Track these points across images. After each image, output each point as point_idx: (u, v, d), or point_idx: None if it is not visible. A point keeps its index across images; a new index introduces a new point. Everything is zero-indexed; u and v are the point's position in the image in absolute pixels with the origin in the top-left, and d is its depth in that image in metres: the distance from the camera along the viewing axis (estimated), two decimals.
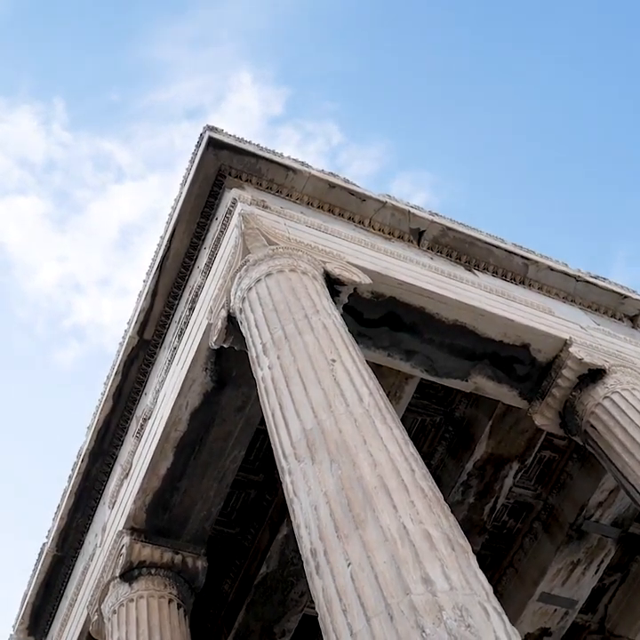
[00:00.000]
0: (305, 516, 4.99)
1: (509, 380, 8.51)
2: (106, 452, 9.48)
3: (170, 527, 8.64)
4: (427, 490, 4.90)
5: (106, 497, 9.51)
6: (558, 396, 8.32)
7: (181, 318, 8.58)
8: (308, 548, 4.82)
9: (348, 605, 4.29)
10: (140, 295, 9.16)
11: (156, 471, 8.34)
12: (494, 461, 9.68)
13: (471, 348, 8.30)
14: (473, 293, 8.41)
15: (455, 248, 9.16)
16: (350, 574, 4.39)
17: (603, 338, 8.89)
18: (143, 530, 8.55)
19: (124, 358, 9.21)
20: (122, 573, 8.39)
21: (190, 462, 8.36)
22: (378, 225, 8.98)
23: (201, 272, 8.37)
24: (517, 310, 8.52)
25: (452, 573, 4.25)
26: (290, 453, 5.40)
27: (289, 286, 6.81)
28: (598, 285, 9.71)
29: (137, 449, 8.81)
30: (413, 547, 4.38)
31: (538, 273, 9.44)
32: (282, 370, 5.99)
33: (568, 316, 9.07)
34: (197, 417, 8.14)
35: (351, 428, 5.27)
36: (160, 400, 8.52)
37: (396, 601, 4.12)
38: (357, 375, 5.88)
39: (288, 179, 8.64)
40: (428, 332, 8.13)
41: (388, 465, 4.98)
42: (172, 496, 8.48)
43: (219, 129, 8.46)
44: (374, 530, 4.54)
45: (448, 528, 4.64)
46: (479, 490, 9.83)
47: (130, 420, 9.32)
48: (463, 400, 9.73)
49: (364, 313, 7.94)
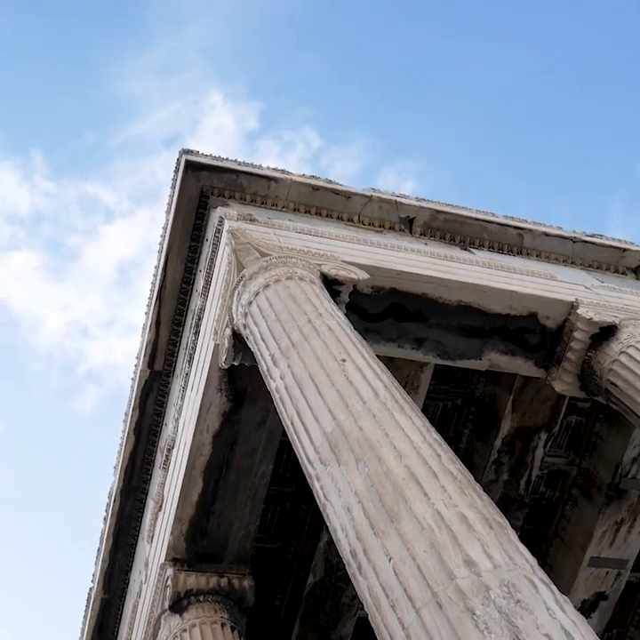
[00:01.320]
0: (339, 519, 4.96)
1: (523, 351, 8.47)
2: (136, 489, 9.48)
3: (211, 551, 8.62)
4: (455, 473, 4.87)
5: (143, 532, 9.51)
6: (574, 360, 8.27)
7: (188, 344, 8.58)
8: (348, 550, 4.80)
9: (395, 600, 4.26)
10: (144, 328, 9.17)
11: (188, 499, 8.33)
12: (522, 435, 9.63)
13: (479, 325, 8.26)
14: (472, 271, 8.38)
15: (447, 230, 9.14)
16: (393, 569, 4.36)
17: (609, 294, 8.85)
18: (185, 559, 8.54)
19: (138, 393, 9.21)
20: (171, 605, 8.38)
21: (220, 484, 8.35)
22: (367, 219, 8.96)
23: (200, 295, 8.36)
24: (519, 281, 8.48)
25: (494, 551, 4.22)
26: (315, 459, 5.37)
27: (288, 294, 6.79)
28: (596, 243, 9.68)
29: (166, 480, 8.80)
30: (451, 531, 4.35)
31: (534, 241, 9.41)
32: (294, 378, 5.96)
33: (571, 279, 9.03)
34: (220, 439, 8.13)
35: (371, 424, 5.25)
36: (180, 428, 8.51)
37: (442, 588, 4.09)
38: (369, 371, 5.85)
39: (271, 189, 8.63)
40: (433, 318, 8.10)
41: (414, 454, 4.95)
42: (207, 521, 8.46)
43: (194, 151, 8.47)
44: (409, 521, 4.51)
45: (483, 507, 4.60)
46: (511, 465, 9.78)
47: (154, 452, 9.32)
48: (481, 379, 9.70)
49: (368, 308, 7.91)
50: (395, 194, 9.23)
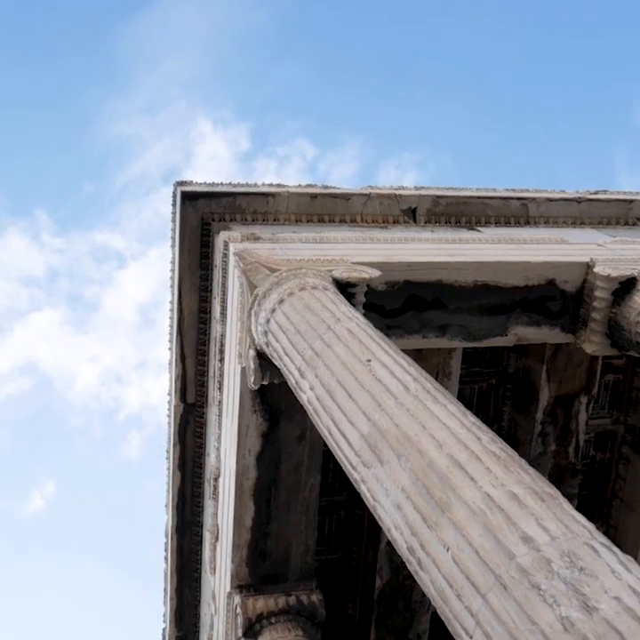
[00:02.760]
0: (391, 518, 4.95)
1: (547, 319, 8.41)
2: (190, 523, 9.50)
3: (274, 572, 8.62)
4: (498, 452, 4.83)
5: (205, 565, 9.53)
6: (599, 319, 8.20)
7: (216, 372, 8.60)
8: (405, 547, 4.77)
9: (460, 589, 4.24)
10: (170, 364, 9.21)
11: (242, 524, 8.33)
12: (562, 402, 9.57)
13: (499, 302, 8.21)
14: (483, 250, 8.35)
15: (451, 213, 9.11)
16: (452, 558, 4.33)
17: (623, 248, 8.78)
18: (250, 584, 8.55)
19: (176, 428, 9.24)
20: (244, 632, 8.38)
21: (272, 505, 8.34)
22: (370, 217, 8.96)
23: (219, 321, 8.38)
24: (531, 251, 8.44)
25: (549, 524, 4.19)
26: (357, 463, 5.36)
27: (304, 305, 6.78)
28: (601, 200, 9.61)
29: (218, 510, 8.82)
30: (503, 511, 4.32)
31: (539, 208, 9.36)
32: (323, 387, 5.95)
33: (582, 239, 8.97)
34: (263, 459, 8.13)
35: (406, 418, 5.22)
36: (223, 456, 8.52)
37: (504, 569, 4.06)
38: (396, 366, 5.83)
39: (270, 204, 8.65)
40: (452, 302, 8.06)
41: (453, 441, 4.92)
42: (265, 542, 8.46)
43: (188, 182, 8.50)
44: (460, 508, 4.48)
45: (531, 482, 4.57)
46: (557, 434, 9.72)
47: (202, 484, 9.34)
48: (511, 354, 9.66)
49: (386, 305, 7.89)
50: (393, 187, 9.23)
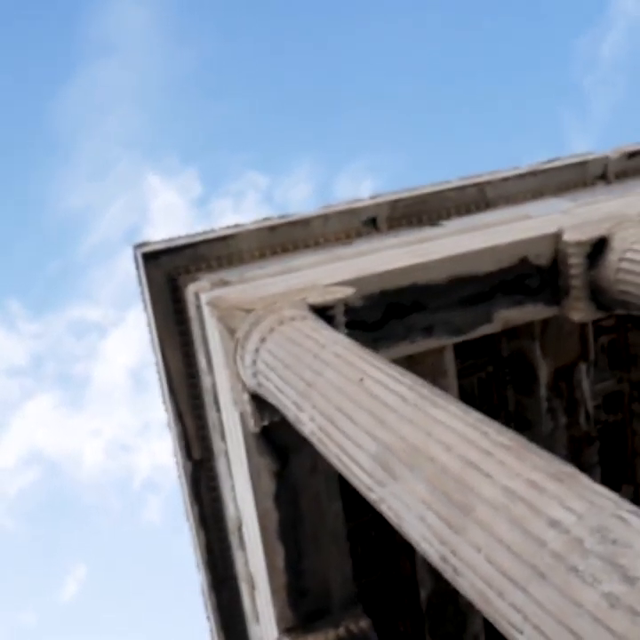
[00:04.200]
0: (418, 531, 4.89)
1: (529, 297, 8.38)
2: (224, 578, 9.41)
3: (318, 607, 8.51)
4: (508, 443, 4.78)
5: (248, 616, 9.42)
6: (580, 285, 8.18)
7: (215, 422, 8.53)
8: (437, 557, 4.72)
9: (500, 588, 4.18)
10: (169, 424, 9.14)
11: (275, 568, 8.23)
12: (562, 375, 9.55)
13: (478, 291, 8.17)
14: (449, 243, 8.32)
15: (411, 214, 9.11)
16: (485, 559, 4.28)
17: (587, 210, 8.78)
18: (296, 624, 8.43)
19: (189, 487, 9.16)
20: None
21: (300, 541, 8.25)
22: (332, 236, 8.95)
23: (207, 373, 8.32)
24: (497, 233, 8.42)
25: (573, 503, 4.13)
26: (372, 484, 5.31)
27: (286, 339, 6.73)
28: (555, 168, 9.64)
29: (248, 559, 8.73)
30: (524, 500, 4.27)
31: (496, 190, 9.38)
32: (322, 416, 5.90)
33: (545, 211, 8.97)
34: (281, 499, 8.04)
35: (410, 429, 5.17)
36: (241, 504, 8.44)
37: (538, 558, 4.01)
38: (389, 379, 5.78)
39: (231, 246, 8.62)
40: (432, 302, 8.02)
41: (461, 442, 4.87)
42: (302, 580, 8.36)
43: (146, 242, 8.48)
44: (482, 506, 4.43)
45: (546, 465, 4.51)
46: (565, 407, 9.69)
47: (227, 537, 9.25)
48: (502, 339, 9.64)
49: (367, 319, 7.85)
50: (348, 201, 9.21)
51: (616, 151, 9.94)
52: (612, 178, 9.88)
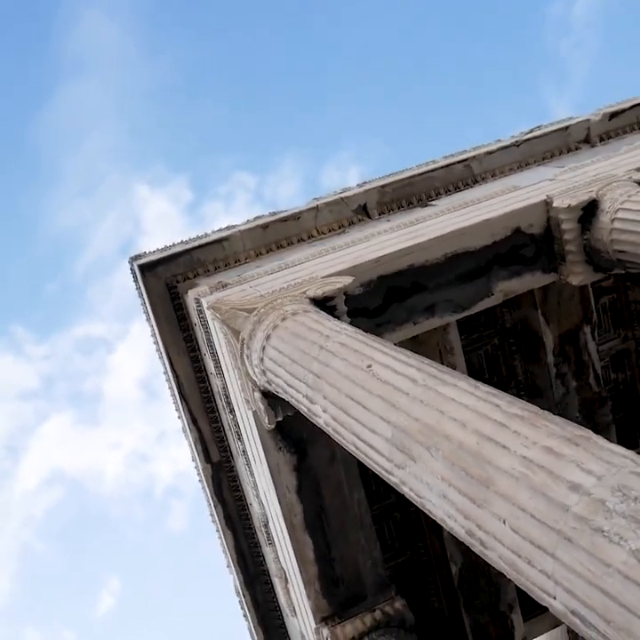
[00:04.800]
0: (441, 509, 4.95)
1: (526, 266, 8.43)
2: (256, 575, 9.48)
3: (352, 594, 8.59)
4: (520, 412, 4.83)
5: (285, 610, 9.50)
6: (575, 249, 8.23)
7: (230, 424, 8.60)
8: (464, 533, 4.78)
9: (528, 556, 4.24)
10: (184, 430, 9.20)
11: (305, 560, 8.31)
12: (567, 339, 9.60)
13: (475, 266, 8.23)
14: (442, 222, 8.37)
15: (401, 197, 9.16)
16: (511, 529, 4.34)
17: (574, 175, 8.82)
18: (333, 613, 8.52)
19: (212, 490, 9.24)
20: None
21: (327, 531, 8.33)
22: (325, 228, 8.99)
23: (216, 376, 8.39)
24: (488, 207, 8.46)
25: (591, 465, 4.19)
26: (391, 468, 5.37)
27: (290, 334, 6.79)
28: (538, 136, 9.68)
29: (277, 554, 8.80)
30: (543, 468, 4.32)
31: (482, 165, 9.41)
32: (334, 406, 5.96)
33: (533, 180, 9.01)
34: (303, 492, 8.12)
35: (422, 410, 5.23)
36: (265, 501, 8.51)
37: (563, 523, 4.06)
38: (397, 363, 5.84)
39: (226, 249, 8.67)
40: (430, 281, 8.07)
41: (474, 417, 4.93)
42: (333, 569, 8.44)
43: (141, 254, 8.53)
44: (502, 478, 4.48)
45: (560, 430, 4.56)
46: (573, 371, 9.74)
47: (254, 534, 9.32)
48: (504, 310, 9.68)
49: (368, 305, 7.90)
50: (337, 192, 9.26)
51: (597, 113, 9.97)
52: (595, 140, 9.92)
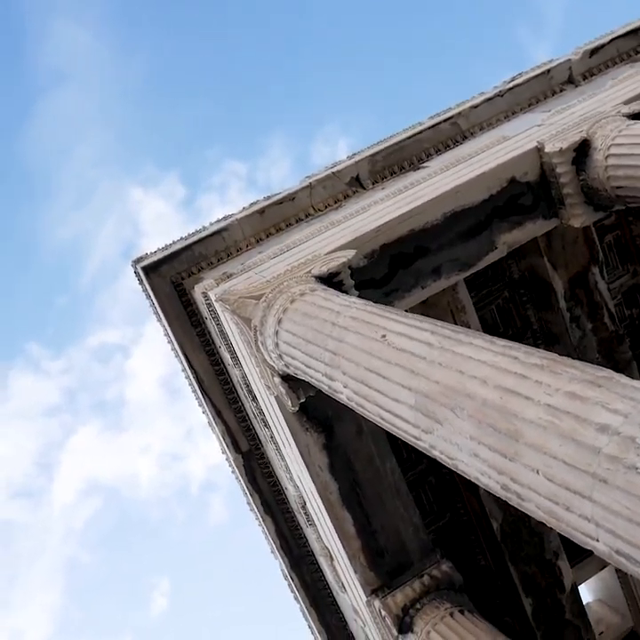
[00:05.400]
0: (474, 467, 4.96)
1: (526, 216, 8.38)
2: (301, 557, 9.54)
3: (398, 563, 8.64)
4: (539, 362, 4.83)
5: (334, 587, 9.57)
6: (573, 191, 8.17)
7: (254, 412, 8.63)
8: (499, 488, 4.78)
9: (566, 502, 4.24)
10: (210, 425, 9.24)
11: (347, 535, 8.35)
12: (577, 282, 9.58)
13: (475, 221, 8.19)
14: (436, 183, 8.32)
15: (392, 164, 9.12)
16: (545, 479, 4.34)
17: (561, 117, 8.76)
18: (382, 584, 8.57)
19: (246, 479, 9.28)
20: (399, 629, 8.40)
21: (364, 504, 8.37)
22: (321, 204, 8.98)
23: (234, 366, 8.41)
24: (480, 162, 8.41)
25: (616, 404, 4.18)
26: (419, 434, 5.38)
27: (301, 315, 6.79)
28: (520, 83, 9.61)
29: (319, 533, 8.85)
30: (569, 413, 4.32)
31: (468, 120, 9.36)
32: (354, 380, 5.97)
33: (521, 128, 8.95)
34: (336, 468, 8.15)
35: (442, 373, 5.23)
36: (299, 483, 8.55)
37: (596, 465, 4.07)
38: (411, 329, 5.83)
39: (226, 239, 8.66)
40: (433, 243, 8.04)
41: (494, 372, 4.93)
42: (376, 541, 8.49)
43: (143, 256, 8.54)
44: (529, 429, 4.49)
45: (581, 374, 4.56)
46: (587, 313, 9.72)
47: (294, 517, 9.37)
48: (509, 262, 9.67)
49: (375, 276, 7.88)
50: (328, 167, 9.23)
51: (577, 52, 9.88)
52: (579, 80, 9.83)
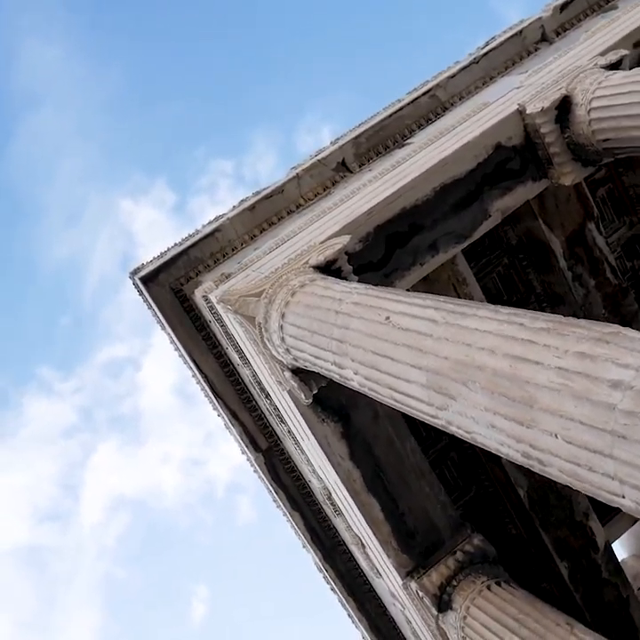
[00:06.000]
0: (493, 439, 4.93)
1: (516, 180, 8.33)
2: (333, 548, 9.53)
3: (429, 542, 8.64)
4: (545, 325, 4.79)
5: (369, 574, 9.56)
6: (560, 150, 8.06)
7: (269, 409, 8.61)
8: (520, 456, 4.75)
9: (588, 462, 4.22)
10: (227, 427, 9.22)
11: (376, 520, 8.34)
12: (575, 240, 9.53)
13: (465, 192, 8.13)
14: (423, 157, 8.27)
15: (376, 144, 9.07)
16: (564, 441, 4.32)
17: (539, 77, 8.69)
18: (416, 565, 8.56)
19: (269, 477, 9.27)
20: (438, 608, 8.41)
21: (389, 488, 8.36)
22: (310, 194, 8.94)
23: (243, 366, 8.38)
24: (464, 131, 8.35)
25: (626, 359, 4.15)
26: (434, 412, 5.35)
27: (304, 307, 6.76)
28: (494, 48, 9.53)
29: (348, 522, 8.84)
30: (580, 374, 4.29)
31: (447, 90, 9.30)
32: (364, 366, 5.94)
33: (501, 92, 8.88)
34: (356, 456, 8.13)
35: (450, 348, 5.20)
36: (322, 475, 8.54)
37: (613, 422, 4.04)
38: (414, 307, 5.80)
39: (220, 240, 8.63)
40: (426, 219, 8.00)
41: (501, 341, 4.89)
42: (405, 523, 8.48)
43: (140, 266, 8.51)
44: (543, 394, 4.46)
45: (587, 332, 4.52)
46: (589, 269, 9.68)
47: (321, 509, 9.36)
48: (505, 228, 9.61)
49: (372, 258, 7.85)
50: (312, 155, 9.19)
51: (547, 9, 9.80)
52: (552, 37, 9.75)
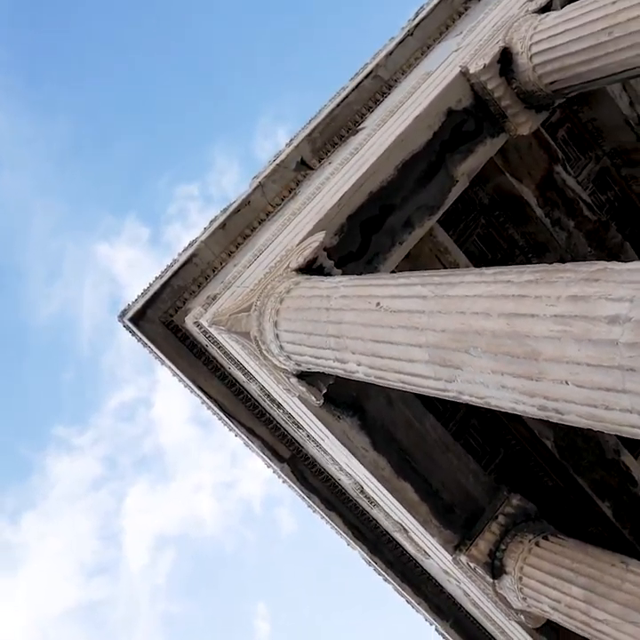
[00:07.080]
0: (506, 399, 4.94)
1: (474, 140, 8.32)
2: (377, 539, 9.55)
3: (469, 512, 8.66)
4: (532, 277, 4.78)
5: (417, 557, 9.60)
6: (511, 101, 8.09)
7: (283, 418, 8.60)
8: (536, 410, 4.76)
9: (603, 402, 4.21)
10: (247, 444, 9.23)
11: (412, 503, 8.40)
12: (545, 186, 9.54)
13: (427, 163, 8.13)
14: (378, 140, 8.24)
15: (330, 135, 9.06)
16: (576, 386, 4.32)
17: (475, 35, 8.68)
18: (461, 538, 8.60)
19: (299, 484, 9.30)
20: (492, 575, 8.43)
21: (418, 469, 8.37)
22: (277, 198, 8.93)
23: (249, 382, 8.38)
24: (414, 104, 8.33)
25: (617, 291, 4.14)
26: (443, 385, 5.36)
27: (293, 311, 6.76)
28: (426, 17, 9.53)
29: (385, 511, 8.85)
30: (576, 316, 4.27)
31: (387, 68, 9.29)
32: (365, 356, 5.94)
33: (440, 59, 8.86)
34: (379, 444, 8.14)
35: (444, 320, 5.20)
36: (349, 470, 8.57)
37: (618, 357, 4.03)
38: (401, 288, 5.80)
39: (199, 264, 8.62)
40: (395, 198, 8.00)
41: (493, 302, 4.89)
42: (441, 499, 8.50)
43: (126, 308, 8.50)
44: (545, 345, 4.46)
45: (574, 275, 4.52)
46: (566, 212, 9.69)
47: (357, 504, 9.38)
48: (475, 189, 9.61)
49: (352, 248, 7.85)
50: (271, 160, 9.18)
51: None
52: None
